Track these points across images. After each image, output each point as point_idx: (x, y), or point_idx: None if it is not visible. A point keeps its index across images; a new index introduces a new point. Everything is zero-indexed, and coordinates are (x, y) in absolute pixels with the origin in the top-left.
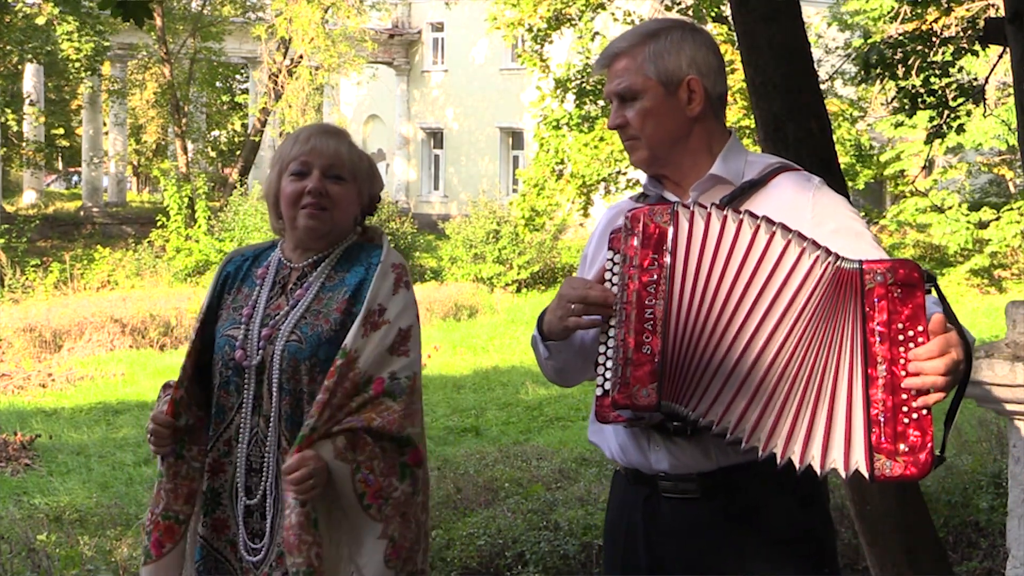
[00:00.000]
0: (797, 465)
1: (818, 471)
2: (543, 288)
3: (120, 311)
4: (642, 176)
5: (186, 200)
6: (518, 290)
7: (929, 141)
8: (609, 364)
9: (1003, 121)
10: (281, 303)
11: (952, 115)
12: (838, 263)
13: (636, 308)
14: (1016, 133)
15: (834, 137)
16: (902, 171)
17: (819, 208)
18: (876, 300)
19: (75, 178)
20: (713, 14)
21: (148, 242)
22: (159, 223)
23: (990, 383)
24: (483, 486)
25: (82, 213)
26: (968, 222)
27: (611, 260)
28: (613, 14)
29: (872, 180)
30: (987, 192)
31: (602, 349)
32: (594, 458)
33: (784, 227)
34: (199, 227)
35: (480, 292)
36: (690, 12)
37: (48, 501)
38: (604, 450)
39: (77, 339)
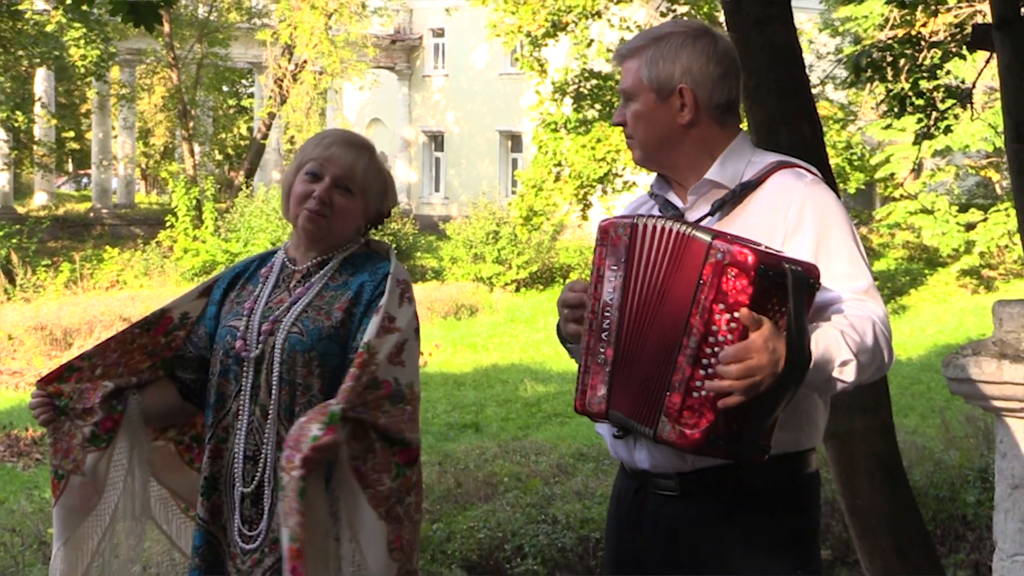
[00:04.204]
0: (654, 438)
1: (654, 438)
2: (541, 288)
3: (129, 310)
4: (640, 178)
5: (193, 202)
6: (517, 289)
7: (917, 142)
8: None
9: (990, 124)
10: (283, 298)
11: (940, 117)
12: (689, 232)
13: (597, 318)
14: (1003, 136)
15: (825, 141)
16: (892, 174)
17: (802, 210)
18: (711, 275)
19: (85, 180)
20: (708, 19)
21: (156, 243)
22: (167, 224)
23: (977, 380)
24: (483, 481)
25: (92, 214)
26: (957, 224)
27: (592, 264)
28: (609, 20)
29: (863, 186)
30: (974, 194)
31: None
32: (591, 453)
33: (719, 233)
34: (206, 228)
35: (480, 291)
36: (684, 18)
37: None
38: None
39: (87, 337)
